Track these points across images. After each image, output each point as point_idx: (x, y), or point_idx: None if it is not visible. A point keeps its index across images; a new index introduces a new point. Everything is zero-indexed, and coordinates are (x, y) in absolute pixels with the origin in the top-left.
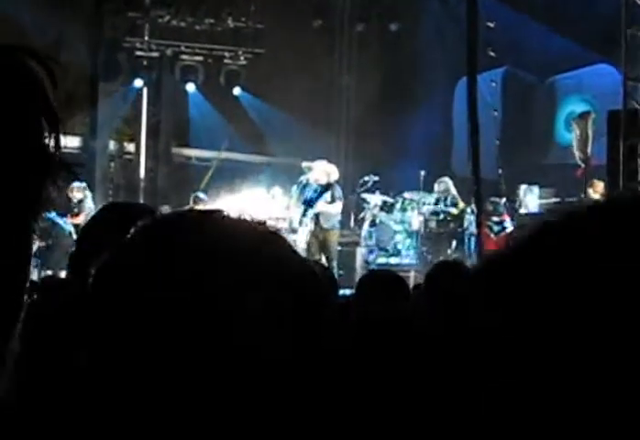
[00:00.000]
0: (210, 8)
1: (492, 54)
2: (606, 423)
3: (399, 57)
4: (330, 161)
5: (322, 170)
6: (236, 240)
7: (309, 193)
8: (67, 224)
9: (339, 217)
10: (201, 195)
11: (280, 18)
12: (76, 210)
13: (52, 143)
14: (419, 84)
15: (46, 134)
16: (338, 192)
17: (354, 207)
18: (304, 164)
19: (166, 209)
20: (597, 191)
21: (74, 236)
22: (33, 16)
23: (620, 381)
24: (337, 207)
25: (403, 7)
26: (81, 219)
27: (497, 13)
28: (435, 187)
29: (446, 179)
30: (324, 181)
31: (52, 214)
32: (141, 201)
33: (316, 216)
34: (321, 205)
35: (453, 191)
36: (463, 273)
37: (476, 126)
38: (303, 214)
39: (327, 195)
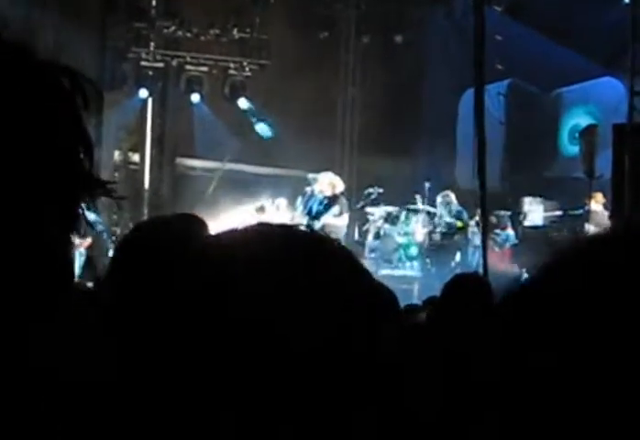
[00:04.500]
0: (215, 19)
1: (500, 67)
2: None
3: (404, 69)
4: (334, 173)
5: (327, 182)
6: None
7: (314, 205)
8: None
9: (345, 230)
10: (263, 205)
11: (285, 30)
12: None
13: (87, 162)
14: (423, 96)
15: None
16: (345, 204)
17: (358, 219)
18: (310, 175)
19: None
20: (598, 201)
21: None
22: (36, 24)
23: None
24: (344, 220)
25: (408, 20)
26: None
27: (503, 25)
28: (439, 199)
29: (449, 192)
30: (329, 192)
31: None
32: (145, 211)
33: (322, 229)
34: (328, 218)
35: (455, 203)
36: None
37: (483, 140)
38: (307, 226)
39: (335, 209)
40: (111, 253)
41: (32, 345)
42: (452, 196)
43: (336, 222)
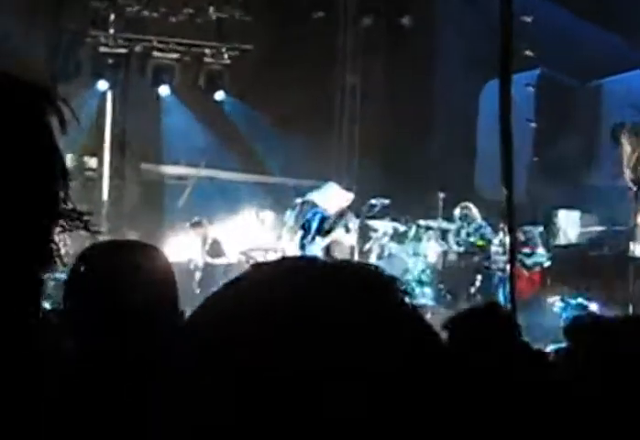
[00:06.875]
0: None
1: (529, 53)
2: None
3: (412, 57)
4: (329, 180)
5: (334, 196)
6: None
7: (314, 222)
8: None
9: (349, 251)
10: (200, 220)
11: (271, 9)
12: None
13: (62, 192)
14: (436, 90)
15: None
16: (353, 221)
17: (359, 236)
18: (305, 183)
19: (133, 236)
20: None
21: None
22: None
23: None
24: (352, 238)
25: None
26: None
27: (532, 5)
28: (457, 213)
29: (469, 204)
30: (333, 208)
31: None
32: (104, 227)
33: (327, 248)
34: (339, 234)
35: (478, 217)
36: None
37: (509, 141)
38: (305, 239)
39: (343, 225)
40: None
41: None
42: (473, 209)
43: (344, 240)
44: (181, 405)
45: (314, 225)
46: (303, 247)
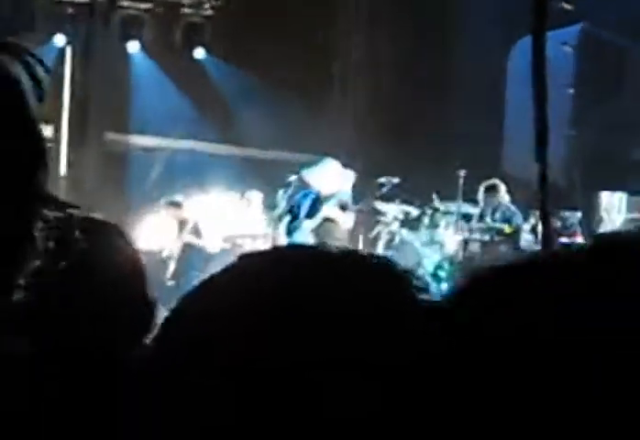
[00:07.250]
0: None
1: (568, 7)
2: None
3: (428, 8)
4: (329, 156)
5: (328, 175)
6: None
7: (304, 203)
8: None
9: (346, 235)
10: (178, 200)
11: None
12: None
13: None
14: (457, 48)
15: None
16: (349, 197)
17: (364, 221)
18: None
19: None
20: None
21: None
22: None
23: None
24: (349, 220)
25: None
26: None
27: None
28: (480, 194)
29: (497, 182)
30: (328, 189)
31: None
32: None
33: (319, 228)
34: (333, 212)
35: (505, 199)
36: None
37: (544, 110)
38: (293, 224)
39: (340, 200)
40: None
41: None
42: (502, 189)
43: (340, 220)
44: (175, 404)
45: (304, 210)
46: (290, 232)
